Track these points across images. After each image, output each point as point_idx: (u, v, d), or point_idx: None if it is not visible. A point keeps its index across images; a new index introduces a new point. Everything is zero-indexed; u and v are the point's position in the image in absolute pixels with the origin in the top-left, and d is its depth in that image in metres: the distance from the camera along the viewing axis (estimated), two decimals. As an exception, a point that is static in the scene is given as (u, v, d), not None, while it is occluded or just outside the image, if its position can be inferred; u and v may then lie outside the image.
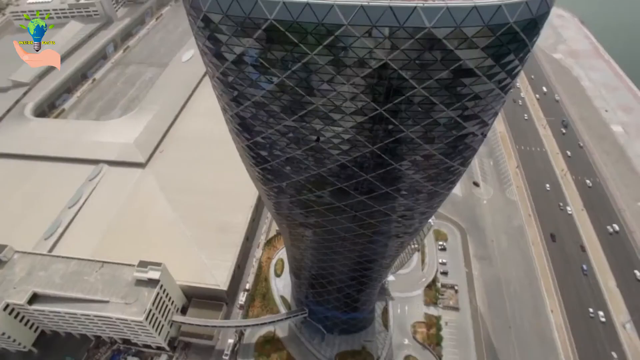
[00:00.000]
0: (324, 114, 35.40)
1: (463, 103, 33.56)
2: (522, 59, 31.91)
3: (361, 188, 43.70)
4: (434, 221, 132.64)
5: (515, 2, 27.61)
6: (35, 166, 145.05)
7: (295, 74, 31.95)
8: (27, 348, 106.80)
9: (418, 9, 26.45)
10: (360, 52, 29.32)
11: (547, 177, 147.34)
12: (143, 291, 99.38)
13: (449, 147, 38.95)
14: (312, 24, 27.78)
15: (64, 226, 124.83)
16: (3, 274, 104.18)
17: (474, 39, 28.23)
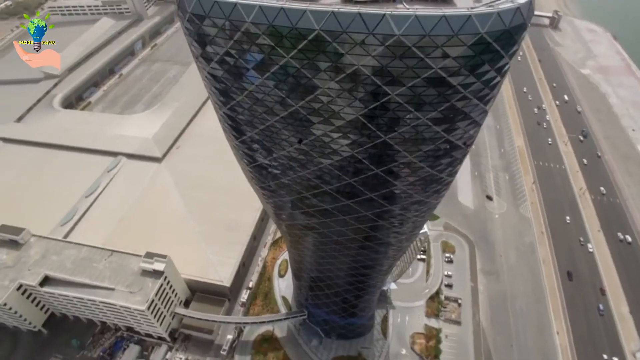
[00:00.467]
0: (303, 116, 36.15)
1: (439, 112, 33.61)
2: (500, 70, 31.76)
3: (344, 192, 44.10)
4: (443, 233, 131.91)
5: (486, 12, 27.64)
6: (58, 155, 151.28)
7: (274, 76, 32.89)
8: (37, 328, 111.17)
9: (387, 17, 26.89)
10: (333, 57, 29.94)
11: (565, 196, 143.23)
12: (147, 281, 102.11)
13: (429, 156, 38.92)
14: (286, 28, 28.67)
15: (80, 214, 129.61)
16: (19, 255, 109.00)
17: (444, 47, 28.41)
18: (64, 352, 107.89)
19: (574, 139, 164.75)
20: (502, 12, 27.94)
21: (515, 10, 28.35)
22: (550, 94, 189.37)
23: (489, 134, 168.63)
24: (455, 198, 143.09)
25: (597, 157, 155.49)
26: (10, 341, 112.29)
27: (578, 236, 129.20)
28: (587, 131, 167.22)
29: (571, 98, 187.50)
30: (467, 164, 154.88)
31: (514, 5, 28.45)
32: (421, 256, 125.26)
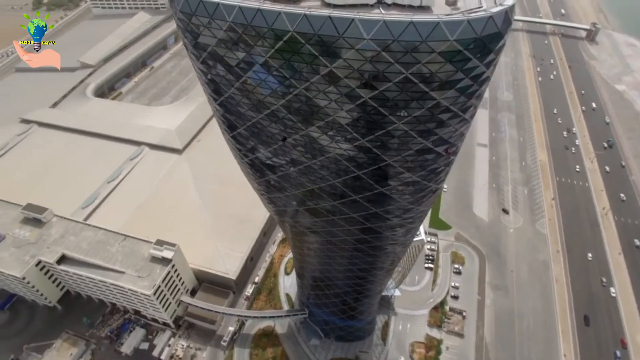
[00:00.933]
0: (284, 115, 37.07)
1: (415, 117, 33.75)
2: (476, 79, 31.59)
3: (330, 192, 44.62)
4: (454, 243, 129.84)
5: (456, 20, 27.69)
6: (86, 141, 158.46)
7: (255, 74, 33.98)
8: (52, 304, 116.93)
9: (356, 21, 27.42)
10: (307, 59, 30.68)
11: (586, 214, 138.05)
12: (156, 268, 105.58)
13: (408, 161, 38.98)
14: (263, 29, 29.67)
15: (100, 199, 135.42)
16: (41, 233, 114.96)
17: (413, 53, 28.62)
18: (75, 328, 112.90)
19: (601, 156, 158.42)
20: (473, 20, 27.90)
21: (487, 19, 28.24)
22: (579, 108, 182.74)
23: (510, 146, 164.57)
24: (469, 209, 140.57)
25: (621, 166, 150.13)
26: (27, 313, 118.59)
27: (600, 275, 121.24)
28: (612, 141, 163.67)
29: (600, 110, 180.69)
30: (485, 175, 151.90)
31: (486, 14, 28.36)
32: (429, 265, 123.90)
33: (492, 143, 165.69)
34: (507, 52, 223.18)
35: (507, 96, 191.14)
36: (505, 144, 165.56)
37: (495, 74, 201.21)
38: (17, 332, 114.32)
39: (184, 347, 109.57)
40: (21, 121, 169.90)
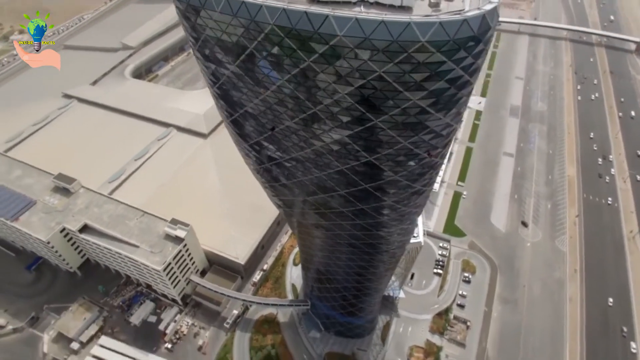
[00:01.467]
0: (270, 105, 38.05)
1: (391, 116, 33.83)
2: (453, 82, 31.30)
3: (317, 184, 45.30)
4: (466, 251, 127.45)
5: (428, 21, 27.61)
6: (119, 119, 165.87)
7: (243, 64, 35.07)
8: (73, 269, 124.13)
9: (330, 17, 27.88)
10: (287, 52, 31.43)
11: (611, 236, 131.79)
12: (168, 245, 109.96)
13: (389, 160, 39.01)
14: (247, 20, 30.60)
15: (126, 175, 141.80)
16: (68, 202, 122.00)
17: (385, 52, 28.79)
18: (91, 295, 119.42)
19: (635, 177, 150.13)
20: (446, 22, 27.70)
21: (461, 22, 27.98)
22: (618, 125, 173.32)
23: (538, 158, 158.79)
24: (487, 218, 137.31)
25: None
26: (50, 276, 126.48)
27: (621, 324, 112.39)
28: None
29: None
30: (507, 186, 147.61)
31: (460, 17, 28.13)
32: (438, 270, 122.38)
33: (519, 153, 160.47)
34: (547, 60, 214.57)
35: (541, 106, 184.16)
36: (532, 156, 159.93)
37: (532, 83, 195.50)
38: (40, 292, 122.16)
39: (188, 324, 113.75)
40: (63, 96, 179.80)
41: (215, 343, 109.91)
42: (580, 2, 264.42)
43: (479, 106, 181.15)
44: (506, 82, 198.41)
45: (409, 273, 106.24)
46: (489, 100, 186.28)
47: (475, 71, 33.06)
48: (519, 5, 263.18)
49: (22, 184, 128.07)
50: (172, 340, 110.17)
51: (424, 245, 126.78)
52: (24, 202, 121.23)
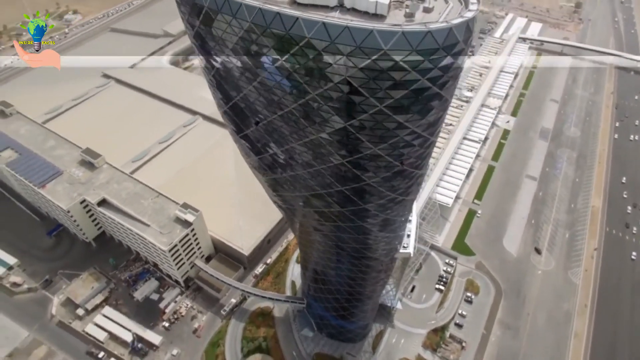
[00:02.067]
0: (253, 99, 39.24)
1: (359, 121, 34.14)
2: (420, 93, 31.27)
3: (301, 182, 46.13)
4: (473, 270, 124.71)
5: (391, 30, 27.86)
6: (150, 102, 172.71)
7: (228, 58, 36.49)
8: (88, 240, 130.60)
9: (299, 20, 28.67)
10: (262, 50, 32.37)
11: (631, 274, 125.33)
12: (177, 228, 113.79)
13: (360, 165, 39.19)
14: (229, 17, 31.86)
15: (149, 156, 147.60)
16: (91, 176, 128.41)
17: (350, 57, 29.28)
18: (102, 266, 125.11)
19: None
20: (409, 33, 27.85)
21: (425, 33, 28.08)
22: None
23: (563, 185, 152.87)
24: (499, 240, 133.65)
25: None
26: (68, 243, 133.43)
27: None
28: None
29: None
30: (525, 209, 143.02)
31: (425, 29, 28.21)
32: (440, 286, 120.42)
33: (542, 177, 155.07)
34: (587, 85, 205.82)
35: (573, 132, 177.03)
36: (557, 182, 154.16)
37: (567, 107, 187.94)
38: (57, 257, 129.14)
39: (187, 306, 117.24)
40: (102, 75, 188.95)
41: (210, 328, 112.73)
42: (633, 32, 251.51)
43: (507, 125, 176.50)
44: (540, 103, 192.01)
45: (404, 284, 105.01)
46: (519, 120, 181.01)
47: (446, 84, 32.98)
48: (566, 26, 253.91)
49: (53, 154, 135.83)
50: (170, 320, 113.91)
51: (428, 259, 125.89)
52: (52, 171, 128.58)
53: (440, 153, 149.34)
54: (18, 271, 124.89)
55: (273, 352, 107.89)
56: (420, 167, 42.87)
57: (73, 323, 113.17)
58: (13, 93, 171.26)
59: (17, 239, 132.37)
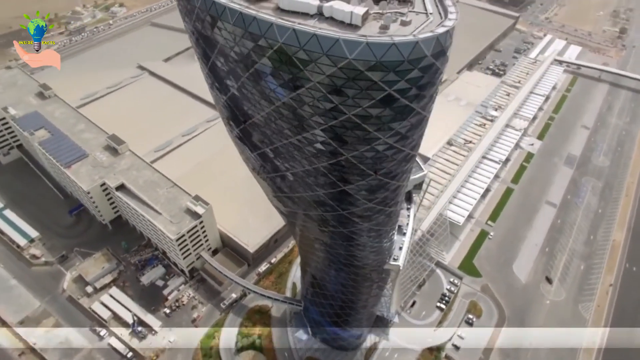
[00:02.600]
0: (239, 98, 40.70)
1: (329, 126, 34.82)
2: (388, 103, 31.61)
3: (288, 180, 47.22)
4: (477, 293, 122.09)
5: (355, 40, 28.60)
6: (179, 96, 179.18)
7: (217, 59, 38.06)
8: (105, 222, 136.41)
9: (273, 25, 29.85)
10: (242, 51, 33.66)
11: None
12: (186, 219, 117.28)
13: (336, 170, 39.73)
14: (214, 19, 33.33)
15: (171, 147, 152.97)
16: (113, 161, 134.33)
17: (317, 64, 30.15)
18: (114, 248, 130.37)
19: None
20: (373, 44, 28.47)
21: (389, 45, 28.58)
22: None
23: (584, 215, 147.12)
24: (509, 264, 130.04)
25: None
26: (87, 223, 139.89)
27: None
28: None
29: None
30: (540, 236, 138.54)
31: (390, 41, 28.70)
32: (441, 305, 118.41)
33: (563, 205, 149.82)
34: (623, 114, 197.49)
35: (602, 161, 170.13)
36: (578, 211, 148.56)
37: (598, 135, 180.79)
38: (74, 235, 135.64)
39: (189, 296, 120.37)
40: (137, 67, 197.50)
41: (208, 319, 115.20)
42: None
43: (532, 148, 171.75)
44: (569, 129, 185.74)
45: (404, 298, 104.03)
46: (545, 144, 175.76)
47: (417, 97, 33.32)
48: (607, 52, 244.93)
49: (82, 137, 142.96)
50: (171, 307, 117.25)
51: (432, 276, 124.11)
52: (79, 154, 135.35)
53: (457, 170, 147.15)
54: (38, 244, 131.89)
55: (266, 350, 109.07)
56: (397, 178, 43.05)
57: (81, 299, 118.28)
58: (54, 77, 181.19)
59: (41, 214, 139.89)
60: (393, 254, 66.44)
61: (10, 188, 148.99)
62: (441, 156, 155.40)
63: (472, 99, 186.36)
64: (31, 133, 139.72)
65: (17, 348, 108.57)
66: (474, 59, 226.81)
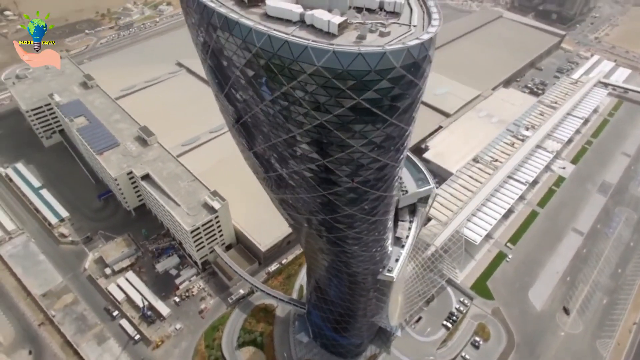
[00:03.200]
0: (229, 96, 42.35)
1: (305, 131, 35.47)
2: (358, 112, 31.86)
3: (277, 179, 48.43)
4: (488, 315, 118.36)
5: (322, 48, 29.21)
6: (212, 93, 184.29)
7: (210, 60, 39.83)
8: (129, 208, 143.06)
9: (252, 30, 31.00)
10: (229, 54, 35.11)
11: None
12: (203, 212, 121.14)
13: (314, 174, 40.18)
14: (205, 23, 35.05)
15: (198, 143, 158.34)
16: (142, 151, 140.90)
17: (289, 69, 30.98)
18: (135, 234, 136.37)
19: None
20: (340, 52, 28.92)
21: (356, 55, 28.95)
22: None
23: (613, 247, 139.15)
24: (525, 290, 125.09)
25: None
26: (113, 208, 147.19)
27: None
28: None
29: None
30: (563, 264, 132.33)
31: (356, 50, 29.06)
32: (447, 323, 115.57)
33: (591, 234, 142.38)
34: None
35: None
36: (607, 241, 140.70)
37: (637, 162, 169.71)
38: (101, 219, 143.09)
39: (199, 287, 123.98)
40: (176, 63, 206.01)
41: (215, 312, 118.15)
42: None
43: (563, 172, 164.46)
44: (608, 155, 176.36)
45: (411, 312, 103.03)
46: (579, 169, 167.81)
47: (391, 108, 33.44)
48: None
49: (116, 127, 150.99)
50: (181, 296, 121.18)
51: (442, 293, 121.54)
52: (111, 142, 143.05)
53: (480, 188, 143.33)
54: (67, 224, 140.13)
55: (266, 348, 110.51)
56: (376, 188, 43.06)
57: (99, 280, 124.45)
58: (99, 68, 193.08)
59: (73, 196, 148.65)
60: (388, 265, 66.01)
61: (50, 169, 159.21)
62: (465, 172, 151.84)
63: (505, 117, 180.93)
64: (71, 119, 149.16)
65: (37, 318, 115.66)
66: (511, 76, 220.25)
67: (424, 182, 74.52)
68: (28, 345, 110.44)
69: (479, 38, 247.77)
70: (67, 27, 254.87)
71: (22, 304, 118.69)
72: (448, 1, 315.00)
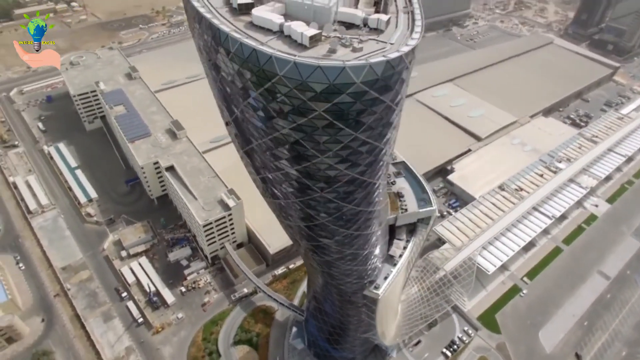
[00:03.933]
0: (220, 99, 44.05)
1: (273, 137, 36.09)
2: (320, 123, 32.01)
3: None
4: (492, 349, 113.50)
5: (284, 58, 29.86)
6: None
7: (204, 63, 41.63)
8: (153, 197, 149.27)
9: (229, 37, 31.99)
10: (219, 63, 36.57)
11: None
12: (217, 208, 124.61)
13: (289, 180, 40.61)
14: (197, 33, 36.89)
15: (224, 142, 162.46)
16: (170, 144, 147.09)
17: (257, 75, 31.89)
18: (154, 222, 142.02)
19: None
20: (300, 64, 29.35)
21: (315, 68, 29.26)
22: None
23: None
24: (535, 329, 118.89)
25: None
26: (137, 195, 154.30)
27: None
28: None
29: None
30: (582, 308, 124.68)
31: (315, 63, 29.33)
32: (447, 352, 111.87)
33: (618, 279, 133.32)
34: None
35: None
36: (636, 290, 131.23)
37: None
38: (125, 203, 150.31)
39: (206, 281, 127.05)
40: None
41: (216, 307, 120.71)
42: None
43: (596, 210, 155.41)
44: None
45: (410, 333, 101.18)
46: (615, 209, 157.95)
47: (357, 123, 33.52)
48: None
49: (151, 118, 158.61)
50: (187, 287, 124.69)
51: (446, 320, 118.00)
52: (144, 132, 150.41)
53: (501, 216, 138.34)
54: (95, 205, 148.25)
55: (260, 349, 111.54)
56: (349, 201, 42.88)
57: (115, 261, 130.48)
58: (145, 62, 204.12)
59: (104, 178, 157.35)
60: (375, 281, 65.25)
61: (87, 151, 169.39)
62: (488, 199, 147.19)
63: (540, 147, 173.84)
64: (111, 107, 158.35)
65: (54, 289, 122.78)
66: (554, 105, 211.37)
67: (427, 203, 73.30)
68: (42, 314, 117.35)
69: (525, 63, 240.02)
70: (123, 20, 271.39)
71: (43, 274, 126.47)
72: (498, 24, 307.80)
